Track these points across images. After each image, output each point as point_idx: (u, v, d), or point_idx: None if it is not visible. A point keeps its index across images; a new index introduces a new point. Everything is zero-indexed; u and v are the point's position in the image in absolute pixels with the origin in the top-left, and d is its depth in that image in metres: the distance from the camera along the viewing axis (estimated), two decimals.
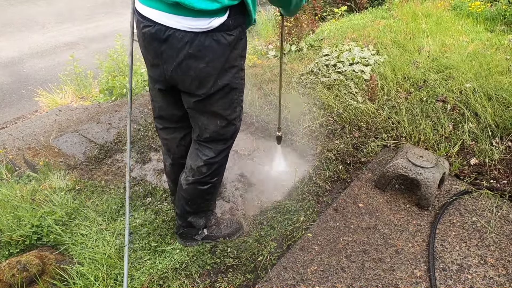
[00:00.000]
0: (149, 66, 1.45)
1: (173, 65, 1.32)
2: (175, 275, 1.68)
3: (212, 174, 1.63)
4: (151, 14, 1.26)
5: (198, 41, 1.25)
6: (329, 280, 1.55)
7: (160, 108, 1.61)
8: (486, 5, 4.50)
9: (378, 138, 2.53)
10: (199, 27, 1.23)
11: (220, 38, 1.28)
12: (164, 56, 1.31)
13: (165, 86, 1.46)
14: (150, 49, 1.34)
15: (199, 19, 1.22)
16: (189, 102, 1.45)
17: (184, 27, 1.23)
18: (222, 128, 1.51)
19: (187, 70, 1.32)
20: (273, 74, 3.56)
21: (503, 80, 2.80)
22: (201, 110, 1.46)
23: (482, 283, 1.51)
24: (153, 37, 1.28)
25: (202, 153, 1.58)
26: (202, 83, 1.35)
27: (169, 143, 1.72)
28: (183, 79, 1.35)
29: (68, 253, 1.78)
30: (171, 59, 1.31)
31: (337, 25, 4.82)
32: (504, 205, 1.88)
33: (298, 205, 2.07)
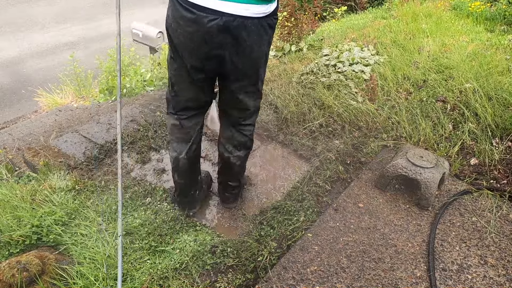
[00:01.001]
0: (199, 59, 1.44)
1: (239, 53, 1.38)
2: (175, 275, 1.68)
3: (253, 140, 1.87)
4: (217, 6, 1.27)
5: (260, 26, 1.35)
6: (329, 280, 1.55)
7: (188, 100, 1.66)
8: (486, 5, 4.50)
9: (378, 138, 2.53)
10: (262, 11, 1.32)
11: (271, 22, 1.40)
12: (230, 45, 1.36)
13: (212, 76, 1.56)
14: (213, 42, 1.35)
15: (262, 5, 1.31)
16: (237, 86, 1.56)
17: (252, 14, 1.30)
18: (256, 101, 1.69)
19: (250, 55, 1.41)
20: (273, 74, 3.56)
21: (503, 80, 2.80)
22: (246, 90, 1.58)
23: (482, 283, 1.51)
24: (221, 29, 1.30)
25: (245, 130, 1.78)
26: (258, 63, 1.50)
27: (191, 130, 1.77)
28: (244, 64, 1.45)
29: (68, 253, 1.78)
30: (238, 47, 1.36)
31: (337, 25, 4.82)
32: (504, 205, 1.88)
33: (298, 205, 2.07)
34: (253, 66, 1.49)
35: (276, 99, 3.09)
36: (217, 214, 2.11)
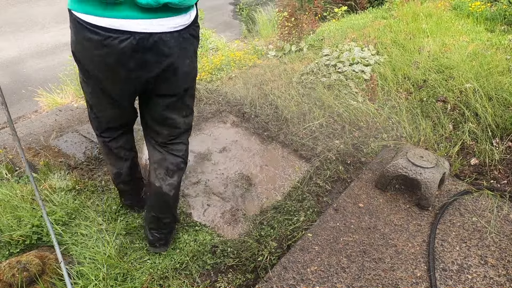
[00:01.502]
0: (117, 84, 1.32)
1: (159, 71, 1.27)
2: (175, 275, 1.68)
3: (186, 162, 1.70)
4: (125, 26, 1.14)
5: (182, 39, 1.25)
6: (329, 280, 1.55)
7: (110, 121, 1.56)
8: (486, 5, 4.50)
9: (378, 138, 2.53)
10: (181, 24, 1.22)
11: (193, 32, 1.30)
12: (148, 64, 1.24)
13: (134, 95, 1.42)
14: (130, 64, 1.22)
15: (180, 15, 1.21)
16: (163, 103, 1.43)
17: (169, 28, 1.20)
18: (187, 118, 1.56)
19: (175, 71, 1.30)
20: (273, 74, 3.56)
21: (503, 80, 2.80)
22: (175, 107, 1.46)
23: (482, 283, 1.51)
24: (136, 49, 1.18)
25: (175, 151, 1.60)
26: (185, 78, 1.37)
27: (121, 151, 1.69)
28: (170, 80, 1.33)
29: (68, 253, 1.78)
30: (156, 66, 1.25)
31: (337, 25, 4.82)
32: (504, 205, 1.88)
33: (298, 205, 2.07)
34: (180, 82, 1.37)
35: (276, 99, 3.09)
36: (217, 214, 2.11)
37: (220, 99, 3.27)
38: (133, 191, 1.94)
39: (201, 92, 3.36)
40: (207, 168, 2.47)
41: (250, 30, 5.99)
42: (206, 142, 2.73)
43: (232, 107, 3.13)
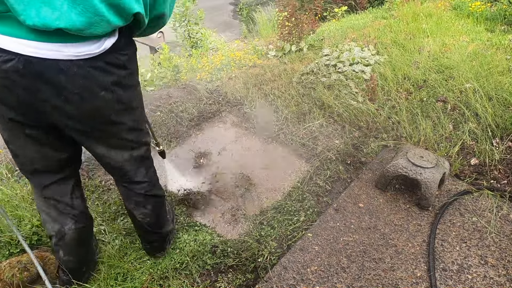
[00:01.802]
0: (13, 110, 1.10)
1: (59, 103, 1.07)
2: (175, 275, 1.68)
3: (157, 185, 1.54)
4: (11, 45, 0.95)
5: (92, 69, 1.05)
6: (329, 280, 1.55)
7: (33, 161, 1.25)
8: (486, 5, 4.50)
9: (378, 138, 2.53)
10: (87, 52, 1.02)
11: (115, 60, 1.10)
12: (42, 94, 1.04)
13: (43, 129, 1.18)
14: (15, 88, 1.02)
15: (86, 43, 1.01)
16: (89, 140, 1.24)
17: (69, 56, 1.00)
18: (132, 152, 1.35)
19: (82, 104, 1.09)
20: (273, 74, 3.56)
21: (504, 80, 2.80)
22: (106, 144, 1.27)
23: (482, 283, 1.51)
24: (23, 73, 0.98)
25: (137, 189, 1.45)
26: (103, 113, 1.16)
27: (63, 199, 1.36)
28: (81, 115, 1.12)
29: None
30: (53, 96, 1.05)
31: (337, 25, 4.82)
32: (504, 205, 1.88)
33: (298, 205, 2.07)
34: (96, 117, 1.15)
35: (276, 99, 3.09)
36: (217, 214, 2.11)
37: (220, 99, 3.27)
38: (78, 263, 1.51)
39: (201, 92, 3.36)
40: (207, 168, 2.47)
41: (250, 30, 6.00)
42: (206, 142, 2.74)
43: (232, 107, 3.13)
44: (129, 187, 1.44)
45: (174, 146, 2.70)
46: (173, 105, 3.16)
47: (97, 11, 0.94)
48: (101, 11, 0.94)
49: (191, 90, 3.46)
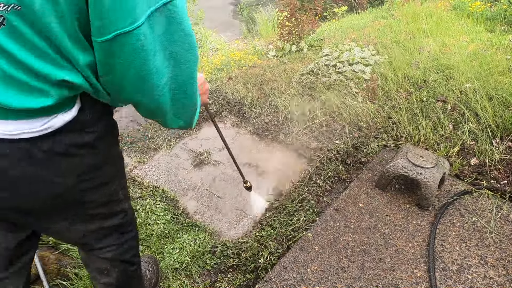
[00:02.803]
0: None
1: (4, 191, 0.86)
2: (175, 275, 1.68)
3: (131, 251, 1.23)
4: None
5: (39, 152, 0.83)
6: (329, 280, 1.55)
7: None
8: (486, 5, 4.50)
9: (378, 138, 2.53)
10: (26, 130, 0.80)
11: (77, 139, 0.88)
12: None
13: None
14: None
15: (24, 120, 0.80)
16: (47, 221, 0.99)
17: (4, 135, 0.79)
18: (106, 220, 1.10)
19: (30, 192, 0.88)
20: (273, 74, 3.56)
21: (504, 80, 2.80)
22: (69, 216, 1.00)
23: (482, 283, 1.51)
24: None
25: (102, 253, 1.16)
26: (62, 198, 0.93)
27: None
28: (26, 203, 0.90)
29: (68, 253, 1.78)
30: None
31: (337, 25, 4.82)
32: (504, 205, 1.88)
33: (299, 205, 2.07)
34: (55, 204, 0.93)
35: (276, 99, 3.09)
36: (217, 214, 2.11)
37: (220, 99, 3.27)
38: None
39: None
40: (207, 168, 2.48)
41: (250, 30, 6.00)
42: (206, 142, 2.74)
43: (232, 107, 3.13)
44: (93, 252, 1.16)
45: (174, 146, 2.70)
46: None
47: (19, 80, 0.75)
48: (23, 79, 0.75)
49: None
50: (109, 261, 1.17)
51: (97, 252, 1.15)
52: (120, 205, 1.12)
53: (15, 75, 0.73)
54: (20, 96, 0.76)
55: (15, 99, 0.75)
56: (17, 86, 0.75)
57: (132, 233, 1.22)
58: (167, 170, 2.44)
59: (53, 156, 0.85)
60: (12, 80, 0.74)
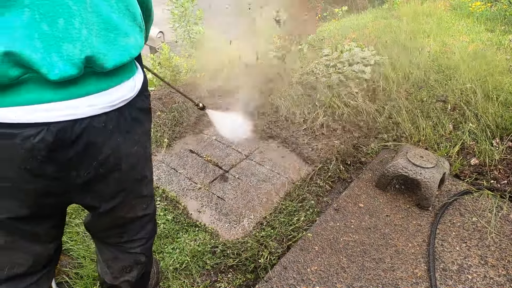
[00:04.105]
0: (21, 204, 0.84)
1: (91, 172, 0.85)
2: (175, 275, 1.68)
3: (150, 254, 1.25)
4: (36, 114, 0.73)
5: (124, 120, 0.85)
6: (330, 280, 1.55)
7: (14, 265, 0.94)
8: (486, 5, 4.50)
9: (378, 138, 2.53)
10: (123, 98, 0.84)
11: (142, 104, 0.92)
12: (72, 167, 0.82)
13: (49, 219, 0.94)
14: (39, 170, 0.79)
15: (119, 86, 0.83)
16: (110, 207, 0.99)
17: (103, 108, 0.80)
18: (148, 208, 1.13)
19: (114, 167, 0.89)
20: (273, 74, 3.56)
21: (504, 80, 2.80)
22: (124, 206, 1.03)
23: (482, 283, 1.51)
24: (52, 147, 0.76)
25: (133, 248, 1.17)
26: (132, 171, 0.96)
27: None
28: (106, 181, 0.91)
29: (68, 253, 1.78)
30: (85, 166, 0.84)
31: (337, 25, 4.82)
32: (504, 205, 1.88)
33: (299, 205, 2.07)
34: (125, 177, 0.95)
35: (276, 99, 3.09)
36: (217, 214, 2.11)
37: (220, 99, 3.27)
38: None
39: (201, 92, 3.36)
40: (206, 168, 2.47)
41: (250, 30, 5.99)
42: (205, 142, 2.74)
43: (232, 107, 3.13)
44: (125, 249, 1.16)
45: (174, 146, 2.70)
46: (173, 105, 3.17)
47: (117, 26, 0.78)
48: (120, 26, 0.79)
49: (191, 90, 3.47)
50: (136, 255, 1.18)
51: (129, 246, 1.15)
52: (151, 191, 1.14)
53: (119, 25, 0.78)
54: (115, 46, 0.78)
55: (111, 51, 0.77)
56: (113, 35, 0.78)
57: (156, 227, 1.25)
58: (167, 170, 2.45)
59: (133, 124, 0.88)
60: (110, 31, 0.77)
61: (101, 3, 0.75)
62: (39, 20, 0.68)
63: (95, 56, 0.75)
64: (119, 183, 0.94)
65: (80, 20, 0.72)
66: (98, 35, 0.76)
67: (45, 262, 1.01)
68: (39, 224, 0.92)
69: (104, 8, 0.75)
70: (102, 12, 0.75)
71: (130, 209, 1.05)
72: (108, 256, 1.18)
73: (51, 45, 0.70)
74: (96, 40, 0.75)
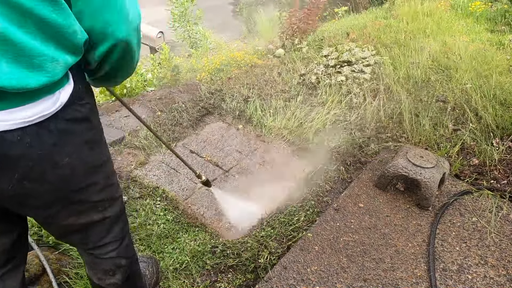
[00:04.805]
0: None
1: (12, 182, 0.83)
2: (175, 275, 1.68)
3: (130, 244, 1.24)
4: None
5: (48, 133, 0.82)
6: (329, 280, 1.55)
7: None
8: (486, 5, 4.50)
9: (379, 138, 2.53)
10: (43, 113, 0.79)
11: (76, 113, 0.87)
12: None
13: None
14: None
15: (38, 102, 0.78)
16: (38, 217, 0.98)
17: (18, 124, 0.77)
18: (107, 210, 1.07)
19: (40, 178, 0.86)
20: (273, 74, 3.56)
21: (504, 80, 2.80)
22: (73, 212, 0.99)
23: (482, 283, 1.51)
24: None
25: (106, 254, 1.15)
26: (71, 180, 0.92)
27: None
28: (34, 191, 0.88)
29: (68, 253, 1.78)
30: (7, 176, 0.82)
31: (337, 25, 4.82)
32: (504, 206, 1.88)
33: (299, 205, 2.07)
34: (60, 188, 0.92)
35: (276, 99, 3.09)
36: (218, 214, 2.11)
37: (220, 99, 3.27)
38: None
39: (201, 92, 3.36)
40: (206, 168, 2.47)
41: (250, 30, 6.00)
42: (206, 143, 2.74)
43: (232, 108, 3.13)
44: (99, 255, 1.14)
45: (174, 146, 2.70)
46: (173, 105, 3.17)
47: (31, 50, 0.72)
48: (36, 49, 0.72)
49: (191, 90, 3.47)
50: (114, 260, 1.16)
51: (99, 252, 1.13)
52: (117, 191, 1.11)
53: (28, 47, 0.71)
54: (34, 73, 0.73)
55: (31, 78, 0.73)
56: (28, 59, 0.72)
57: (127, 226, 1.21)
58: (167, 170, 2.45)
59: (59, 137, 0.84)
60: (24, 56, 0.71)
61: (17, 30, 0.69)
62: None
63: (5, 86, 0.70)
64: (51, 194, 0.91)
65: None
66: (11, 62, 0.71)
67: (5, 257, 1.05)
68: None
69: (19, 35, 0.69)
70: (16, 38, 0.69)
71: (78, 215, 1.01)
72: (87, 259, 1.17)
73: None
74: (7, 68, 0.70)
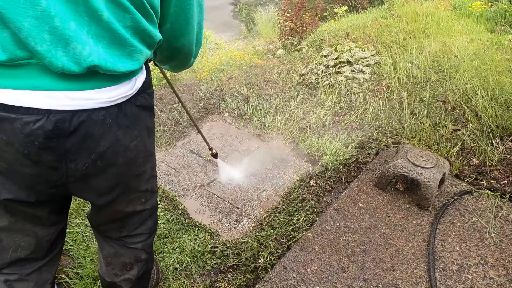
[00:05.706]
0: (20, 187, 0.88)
1: (87, 163, 0.87)
2: (175, 275, 1.68)
3: (151, 251, 1.27)
4: (36, 100, 0.75)
5: (123, 115, 0.88)
6: (329, 280, 1.55)
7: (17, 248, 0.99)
8: (486, 5, 4.50)
9: (379, 138, 2.53)
10: (121, 94, 0.85)
11: (144, 101, 0.94)
12: (70, 156, 0.84)
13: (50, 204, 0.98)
14: (36, 156, 0.81)
15: (119, 84, 0.85)
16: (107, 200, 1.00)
17: (102, 103, 0.82)
18: (147, 203, 1.12)
19: (112, 160, 0.90)
20: (273, 74, 3.56)
21: (504, 80, 2.80)
22: (123, 200, 1.04)
23: (482, 283, 1.51)
24: (49, 135, 0.78)
25: (134, 243, 1.18)
26: (131, 166, 0.97)
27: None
28: (104, 174, 0.92)
29: (68, 253, 1.78)
30: (90, 155, 0.86)
31: (337, 25, 4.82)
32: (504, 206, 1.88)
33: (299, 205, 2.07)
34: (125, 172, 0.97)
35: (277, 99, 3.09)
36: (217, 214, 2.11)
37: (220, 99, 3.27)
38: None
39: (201, 92, 3.36)
40: (206, 168, 2.47)
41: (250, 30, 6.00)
42: None
43: (232, 108, 3.13)
44: (125, 244, 1.17)
45: (174, 146, 2.70)
46: (173, 105, 3.17)
47: (125, 41, 0.79)
48: (129, 40, 0.80)
49: (191, 90, 3.47)
50: (137, 251, 1.19)
51: (130, 241, 1.16)
52: (156, 184, 1.16)
53: (127, 40, 0.80)
54: (122, 58, 0.81)
55: (118, 61, 0.80)
56: (121, 47, 0.80)
57: (157, 223, 1.26)
58: (167, 170, 2.45)
59: (132, 120, 0.91)
60: (118, 44, 0.79)
61: (114, 20, 0.76)
62: (53, 15, 0.69)
63: (100, 65, 0.77)
64: (116, 177, 0.96)
65: (88, 30, 0.75)
66: (107, 47, 0.78)
67: (46, 248, 1.05)
68: (39, 208, 0.95)
69: (115, 25, 0.77)
70: (113, 27, 0.77)
71: (128, 203, 1.06)
72: (109, 251, 1.19)
73: (59, 41, 0.71)
74: (104, 51, 0.77)
